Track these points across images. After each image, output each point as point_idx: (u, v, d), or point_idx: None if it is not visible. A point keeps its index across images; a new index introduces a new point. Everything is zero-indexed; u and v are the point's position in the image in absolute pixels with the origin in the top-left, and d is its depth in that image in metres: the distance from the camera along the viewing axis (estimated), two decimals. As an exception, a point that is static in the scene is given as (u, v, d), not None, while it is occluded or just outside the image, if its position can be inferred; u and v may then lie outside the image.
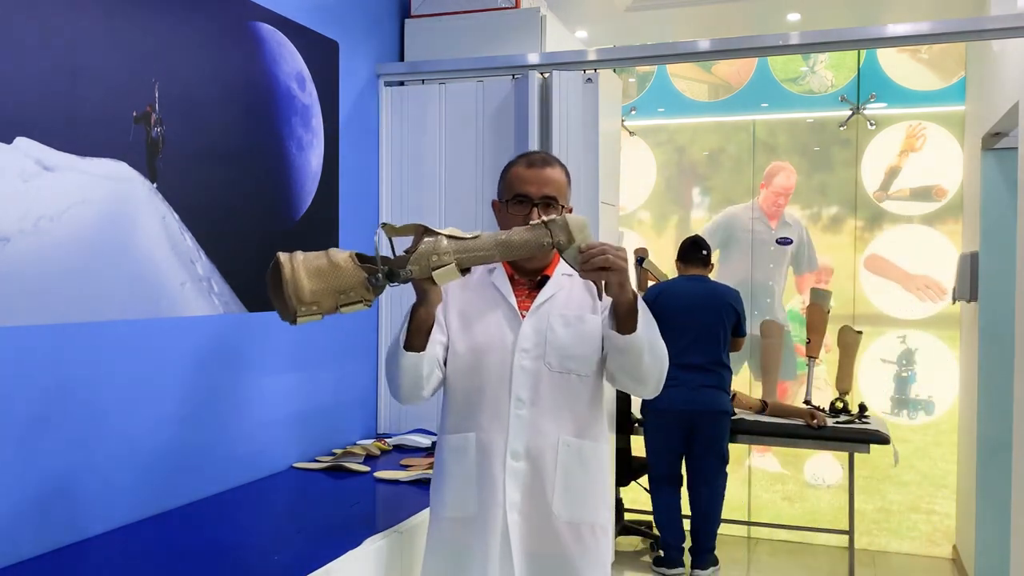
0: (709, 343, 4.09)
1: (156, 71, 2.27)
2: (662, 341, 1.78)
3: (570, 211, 1.91)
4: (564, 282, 1.88)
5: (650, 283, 4.64)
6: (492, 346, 1.82)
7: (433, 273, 1.60)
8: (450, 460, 1.86)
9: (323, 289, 1.61)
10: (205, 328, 2.48)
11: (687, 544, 4.24)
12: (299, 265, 1.62)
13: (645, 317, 1.71)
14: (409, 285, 1.66)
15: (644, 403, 4.17)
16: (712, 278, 4.30)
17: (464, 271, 1.63)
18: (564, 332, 1.82)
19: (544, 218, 1.64)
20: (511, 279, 1.89)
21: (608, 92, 3.42)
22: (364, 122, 3.37)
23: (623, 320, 1.70)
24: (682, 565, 4.21)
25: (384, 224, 1.66)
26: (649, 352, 1.73)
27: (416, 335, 1.73)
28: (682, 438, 4.14)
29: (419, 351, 1.74)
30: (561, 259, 1.89)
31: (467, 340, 1.84)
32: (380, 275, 1.61)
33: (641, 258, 4.75)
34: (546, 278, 1.88)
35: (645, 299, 4.27)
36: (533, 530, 1.79)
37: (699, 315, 4.09)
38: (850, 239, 5.00)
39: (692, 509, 4.20)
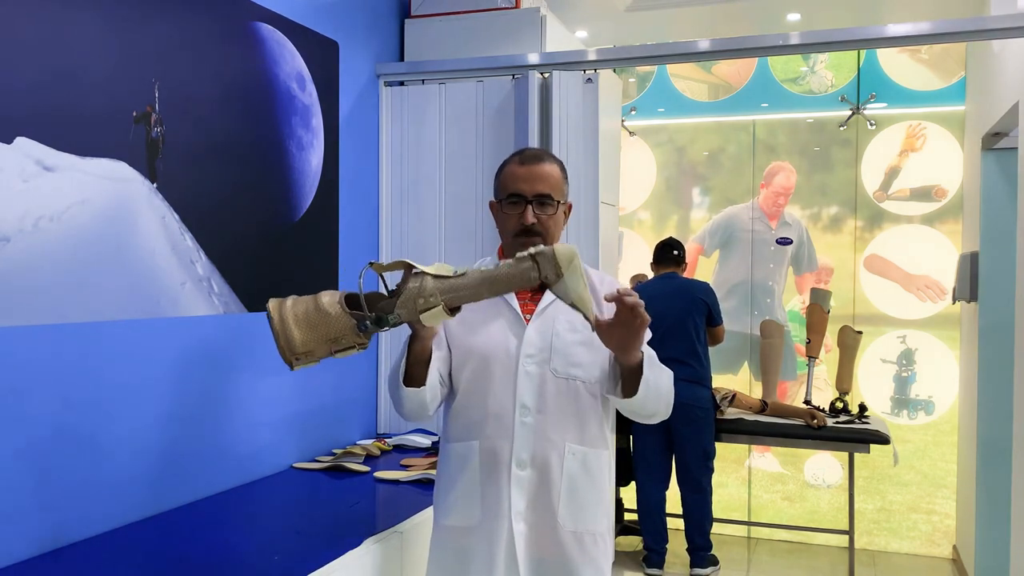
0: (680, 336, 4.11)
1: (156, 71, 2.27)
2: (665, 373, 1.76)
3: (568, 208, 1.88)
4: None
5: None
6: (496, 353, 1.79)
7: (420, 316, 1.57)
8: (454, 468, 1.83)
9: (314, 338, 1.59)
10: (205, 328, 2.48)
11: (668, 545, 4.28)
12: (288, 314, 1.60)
13: (647, 365, 1.69)
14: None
15: None
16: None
17: (453, 311, 1.59)
18: (570, 337, 1.79)
19: (532, 250, 1.57)
20: None
21: (608, 92, 3.42)
22: (364, 122, 3.37)
23: (627, 380, 1.69)
24: (660, 567, 4.23)
25: (371, 264, 1.64)
26: (654, 398, 1.73)
27: (415, 367, 1.71)
28: (662, 434, 4.15)
29: (420, 385, 1.72)
30: None
31: (470, 347, 1.80)
32: (368, 322, 1.60)
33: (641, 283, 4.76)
34: None
35: None
36: (538, 538, 1.77)
37: (669, 310, 4.11)
38: (850, 239, 5.00)
39: (683, 511, 4.22)
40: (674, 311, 4.13)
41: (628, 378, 1.69)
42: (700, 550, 4.18)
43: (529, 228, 1.78)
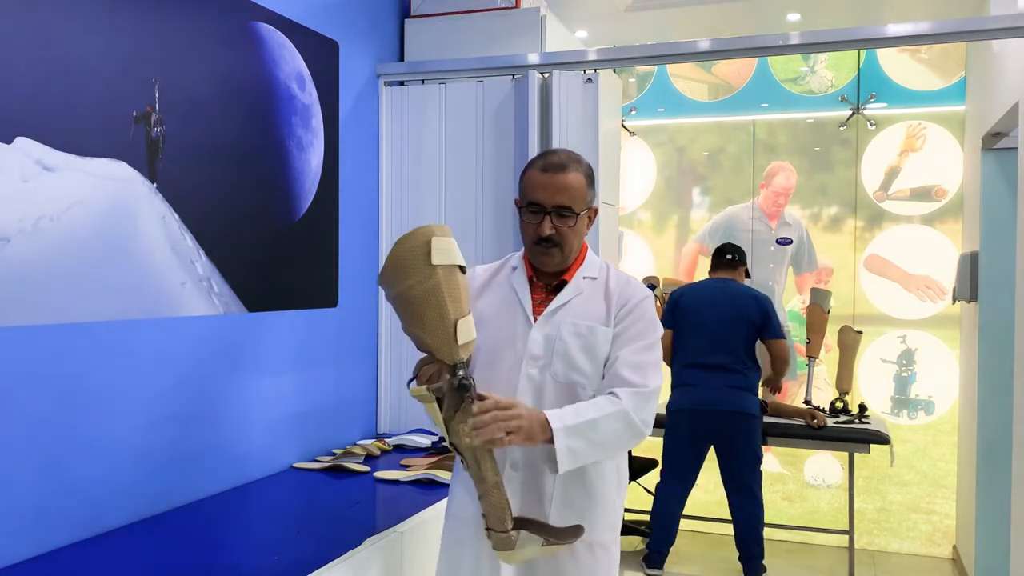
0: (727, 342, 4.02)
1: (156, 71, 2.27)
2: (612, 425, 1.69)
3: (594, 212, 1.85)
4: (584, 287, 1.83)
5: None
6: (502, 352, 1.80)
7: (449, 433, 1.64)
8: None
9: (418, 325, 1.63)
10: (205, 328, 2.48)
11: (672, 547, 4.23)
12: (443, 292, 1.63)
13: (574, 435, 1.64)
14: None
15: (666, 402, 4.14)
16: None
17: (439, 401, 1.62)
18: (573, 342, 1.77)
19: (513, 532, 1.63)
20: (530, 280, 1.85)
21: (608, 92, 3.42)
22: (364, 122, 3.37)
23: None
24: (660, 567, 4.19)
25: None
26: (601, 452, 1.71)
27: None
28: (698, 439, 4.06)
29: None
30: (583, 263, 1.86)
31: (481, 341, 1.78)
32: (453, 377, 1.62)
33: (652, 286, 4.74)
34: (564, 283, 1.84)
35: (669, 300, 4.23)
36: None
37: (717, 315, 4.03)
38: (850, 239, 5.00)
39: (734, 518, 4.09)
40: (723, 317, 4.04)
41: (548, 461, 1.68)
42: (755, 558, 4.07)
43: (547, 238, 1.77)
